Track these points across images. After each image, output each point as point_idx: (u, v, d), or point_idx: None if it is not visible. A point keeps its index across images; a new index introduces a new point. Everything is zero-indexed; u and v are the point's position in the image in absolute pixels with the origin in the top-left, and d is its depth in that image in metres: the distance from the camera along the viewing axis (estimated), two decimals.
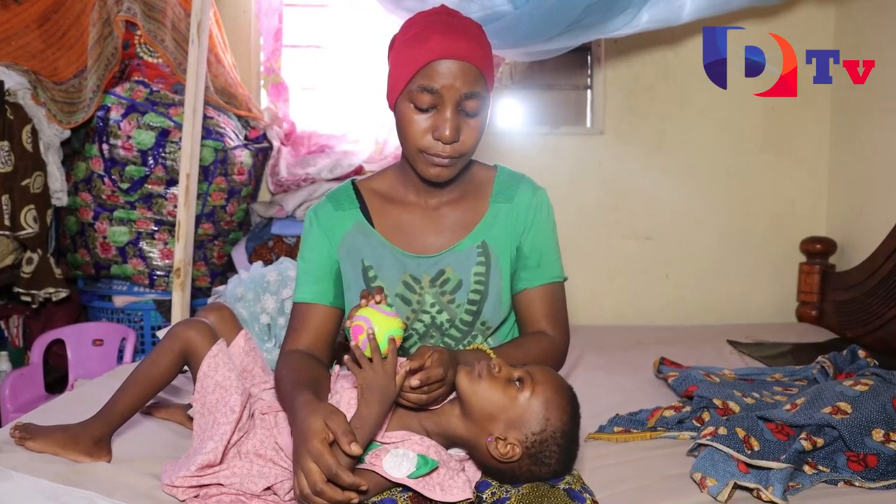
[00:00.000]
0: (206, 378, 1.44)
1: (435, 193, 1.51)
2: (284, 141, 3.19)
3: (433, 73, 1.30)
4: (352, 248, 1.51)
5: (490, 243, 1.50)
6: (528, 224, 1.52)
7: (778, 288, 3.33)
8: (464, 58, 1.31)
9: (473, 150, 1.39)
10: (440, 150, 1.34)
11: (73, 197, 2.81)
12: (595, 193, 3.29)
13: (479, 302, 1.49)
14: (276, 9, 3.15)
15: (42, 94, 2.64)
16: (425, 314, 1.50)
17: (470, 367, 1.28)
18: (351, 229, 1.52)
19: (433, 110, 1.33)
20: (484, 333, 1.53)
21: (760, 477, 1.43)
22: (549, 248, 1.55)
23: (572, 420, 1.27)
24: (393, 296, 1.49)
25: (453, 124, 1.31)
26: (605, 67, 3.29)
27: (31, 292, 2.67)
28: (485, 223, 1.51)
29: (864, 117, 3.03)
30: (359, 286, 1.49)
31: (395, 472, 1.19)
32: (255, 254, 3.02)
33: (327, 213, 1.54)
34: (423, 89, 1.31)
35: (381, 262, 1.50)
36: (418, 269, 1.50)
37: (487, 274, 1.49)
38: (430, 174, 1.38)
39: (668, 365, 2.25)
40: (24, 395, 2.52)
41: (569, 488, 1.24)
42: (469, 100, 1.32)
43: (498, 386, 1.25)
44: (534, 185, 1.57)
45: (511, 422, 1.24)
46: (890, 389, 1.66)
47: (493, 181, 1.55)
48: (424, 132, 1.34)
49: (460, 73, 1.30)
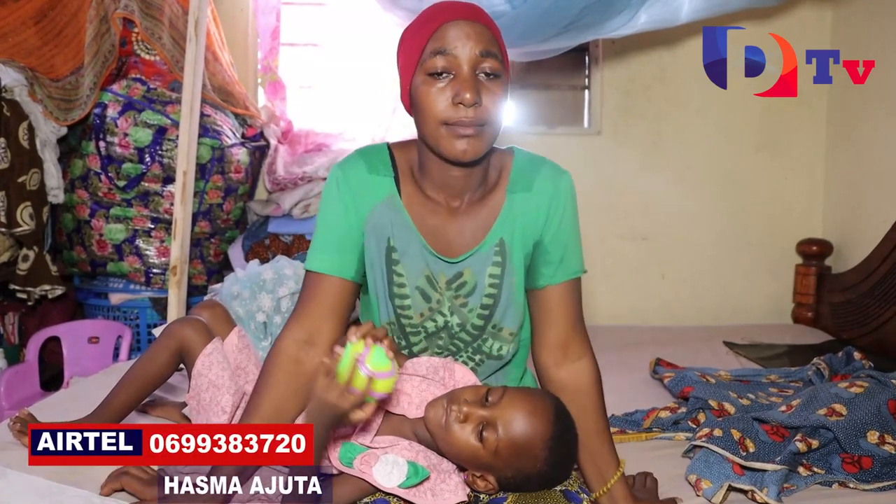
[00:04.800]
0: (200, 377, 1.44)
1: (455, 197, 1.36)
2: (281, 139, 3.19)
3: (444, 36, 1.22)
4: (379, 223, 1.35)
5: (507, 240, 1.36)
6: (550, 215, 1.38)
7: (774, 289, 3.34)
8: (475, 19, 1.24)
9: (498, 121, 1.26)
10: (463, 116, 1.21)
11: (69, 194, 2.80)
12: (592, 193, 3.27)
13: (492, 306, 1.38)
14: (273, 7, 3.15)
15: (39, 91, 2.63)
16: (440, 315, 1.39)
17: (436, 409, 1.22)
18: (383, 200, 1.36)
19: (449, 77, 1.23)
20: (496, 336, 1.41)
21: (755, 479, 1.44)
22: (572, 240, 1.42)
23: (553, 453, 1.21)
24: (413, 287, 1.37)
25: (472, 84, 1.21)
26: (602, 68, 3.29)
27: (27, 289, 2.66)
28: (502, 218, 1.37)
29: (860, 118, 3.03)
30: (381, 269, 1.37)
31: (386, 481, 1.18)
32: (251, 252, 3.02)
33: (359, 174, 1.37)
34: (435, 53, 1.22)
35: (407, 247, 1.36)
36: (436, 268, 1.37)
37: (502, 275, 1.37)
38: (457, 150, 1.24)
39: (663, 366, 2.26)
40: (19, 392, 2.51)
41: (565, 489, 1.25)
42: (486, 59, 1.22)
43: (463, 435, 1.19)
44: (556, 170, 1.41)
45: (484, 467, 1.21)
46: (885, 391, 1.66)
47: (510, 168, 1.40)
48: (444, 101, 1.22)
49: (473, 33, 1.22)
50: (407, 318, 1.39)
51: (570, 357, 1.39)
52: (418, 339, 1.41)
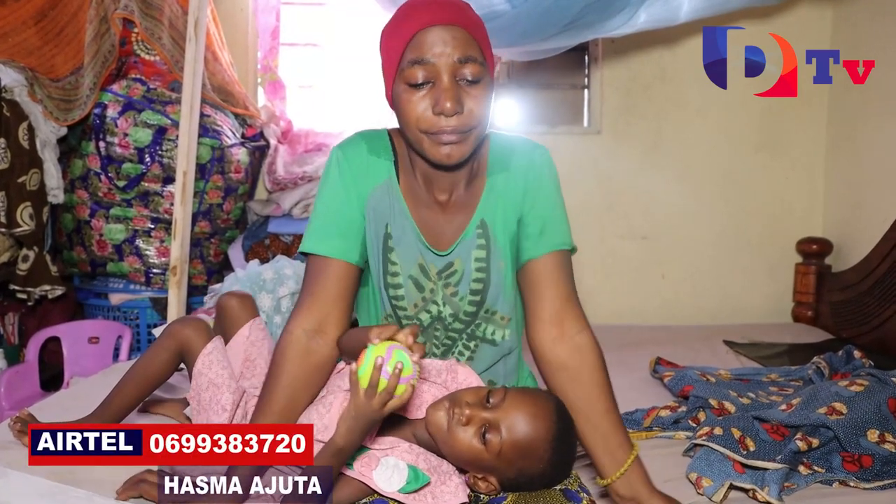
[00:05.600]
0: (200, 376, 1.44)
1: (444, 189, 1.35)
2: (281, 139, 3.19)
3: (421, 45, 1.19)
4: (378, 207, 1.34)
5: (488, 221, 1.35)
6: (528, 189, 1.35)
7: (774, 288, 3.34)
8: (451, 22, 1.19)
9: (483, 123, 1.24)
10: (444, 125, 1.19)
11: (69, 194, 2.81)
12: (591, 193, 3.30)
13: (482, 291, 1.36)
14: (273, 7, 3.15)
15: (39, 91, 2.64)
16: (434, 305, 1.37)
17: (438, 412, 1.21)
18: (382, 184, 1.34)
19: (429, 85, 1.20)
20: (489, 320, 1.39)
21: (756, 477, 1.44)
22: (553, 212, 1.37)
23: (556, 452, 1.20)
24: (406, 276, 1.35)
25: (453, 94, 1.18)
26: (602, 67, 3.29)
27: (27, 290, 2.66)
28: (483, 200, 1.35)
29: (860, 118, 3.03)
30: (377, 255, 1.35)
31: (386, 485, 1.18)
32: (251, 252, 3.02)
33: (360, 154, 1.35)
34: (413, 63, 1.19)
35: (402, 234, 1.34)
36: (428, 258, 1.36)
37: (488, 258, 1.35)
38: (441, 155, 1.23)
39: (663, 365, 2.26)
40: (19, 392, 2.51)
41: (565, 488, 1.25)
42: (466, 65, 1.19)
43: (466, 437, 1.19)
44: (531, 146, 1.39)
45: (486, 469, 1.21)
46: (885, 390, 1.66)
47: (487, 152, 1.38)
48: (423, 111, 1.20)
49: (450, 39, 1.18)
50: (402, 310, 1.38)
51: (568, 331, 1.33)
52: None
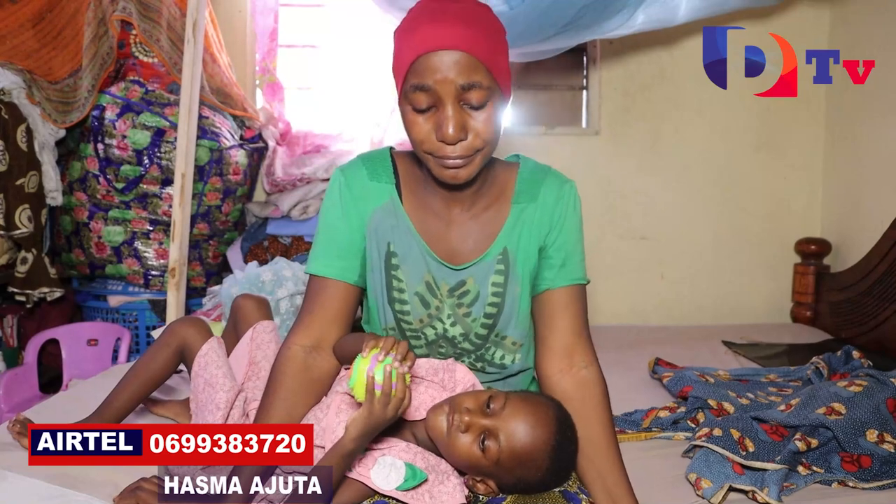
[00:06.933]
0: (197, 377, 1.44)
1: (456, 203, 1.36)
2: (280, 141, 3.19)
3: (423, 70, 1.16)
4: (380, 227, 1.36)
5: (510, 248, 1.36)
6: (554, 222, 1.38)
7: (772, 288, 3.34)
8: (454, 47, 1.15)
9: (491, 145, 1.23)
10: (448, 152, 1.19)
11: (67, 196, 2.80)
12: (590, 193, 3.29)
13: (495, 315, 1.37)
14: (271, 8, 3.15)
15: (37, 94, 2.63)
16: (439, 323, 1.38)
17: (437, 416, 1.22)
18: (383, 206, 1.36)
19: (433, 110, 1.19)
20: (499, 345, 1.41)
21: (755, 478, 1.44)
22: (576, 246, 1.40)
23: (555, 461, 1.21)
24: (412, 293, 1.36)
25: (456, 121, 1.17)
26: (600, 68, 3.29)
27: (26, 292, 2.66)
28: (507, 228, 1.36)
29: (858, 118, 3.03)
30: (380, 274, 1.37)
31: (384, 484, 1.17)
32: (250, 254, 3.02)
33: (360, 180, 1.38)
34: (416, 89, 1.17)
35: (408, 252, 1.36)
36: (439, 275, 1.36)
37: (505, 284, 1.36)
38: (446, 176, 1.23)
39: (662, 365, 2.26)
40: (18, 395, 2.51)
41: (565, 490, 1.24)
42: (470, 91, 1.16)
43: (465, 444, 1.19)
44: (561, 179, 1.42)
45: (485, 474, 1.21)
46: (884, 390, 1.66)
47: (515, 180, 1.40)
48: (428, 134, 1.20)
49: (453, 65, 1.15)
50: (407, 324, 1.38)
51: (576, 365, 1.35)
52: (419, 343, 1.41)
